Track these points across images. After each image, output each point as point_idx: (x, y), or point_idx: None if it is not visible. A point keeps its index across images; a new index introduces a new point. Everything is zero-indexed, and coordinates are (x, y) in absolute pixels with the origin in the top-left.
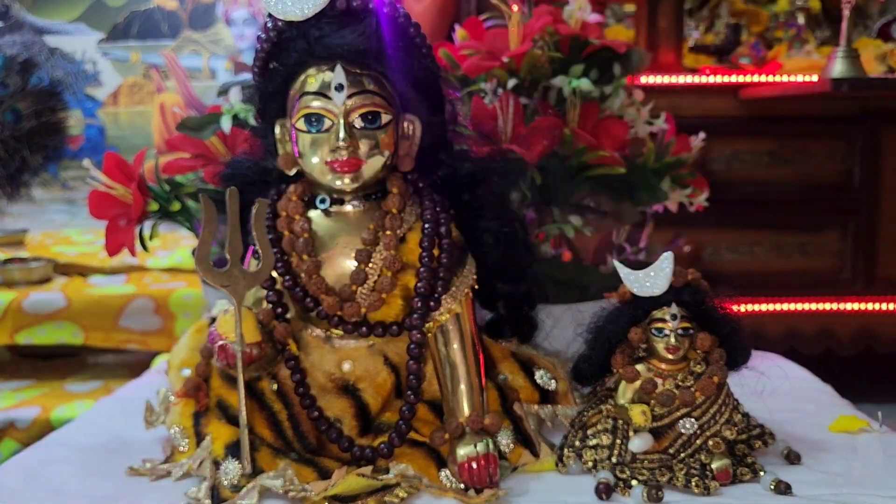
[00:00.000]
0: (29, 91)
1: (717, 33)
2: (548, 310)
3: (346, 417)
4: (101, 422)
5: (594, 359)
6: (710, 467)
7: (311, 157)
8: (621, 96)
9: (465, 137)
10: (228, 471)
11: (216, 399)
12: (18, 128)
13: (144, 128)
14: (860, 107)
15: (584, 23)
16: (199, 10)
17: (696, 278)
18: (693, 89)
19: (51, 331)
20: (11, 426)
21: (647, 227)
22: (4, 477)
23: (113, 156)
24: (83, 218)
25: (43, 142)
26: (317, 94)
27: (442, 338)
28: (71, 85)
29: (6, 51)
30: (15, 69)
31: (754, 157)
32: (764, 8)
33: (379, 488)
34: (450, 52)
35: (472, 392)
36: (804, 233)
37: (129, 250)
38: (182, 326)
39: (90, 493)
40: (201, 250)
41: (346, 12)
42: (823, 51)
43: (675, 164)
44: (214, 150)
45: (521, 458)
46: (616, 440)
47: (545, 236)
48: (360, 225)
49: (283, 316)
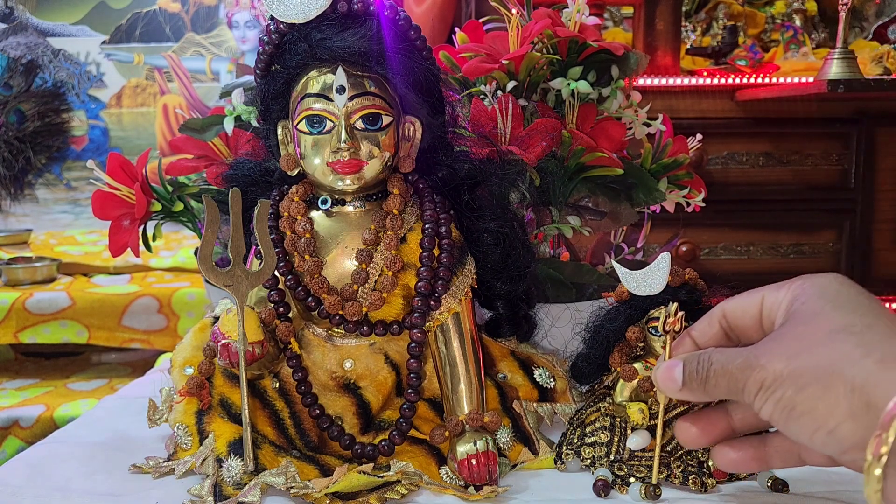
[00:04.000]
0: (33, 92)
1: (714, 35)
2: (546, 309)
3: (348, 415)
4: (104, 420)
5: (592, 357)
6: (707, 464)
7: (312, 158)
8: (619, 98)
9: (465, 139)
10: (231, 468)
11: (219, 397)
12: (22, 129)
13: (147, 129)
14: (856, 108)
15: (582, 25)
16: (202, 13)
17: (692, 278)
18: (690, 91)
19: (55, 330)
20: (16, 424)
21: (645, 227)
22: (9, 474)
23: (116, 157)
24: (87, 218)
25: (46, 143)
26: (318, 96)
27: (442, 336)
28: (74, 86)
29: (10, 52)
30: (19, 71)
31: (751, 158)
32: (761, 10)
33: (380, 485)
34: (449, 54)
35: (472, 390)
36: (800, 233)
37: (133, 250)
38: (185, 325)
39: (94, 490)
40: (204, 250)
41: (347, 15)
42: (820, 53)
43: (672, 165)
44: (217, 152)
45: (521, 455)
46: (614, 438)
47: (544, 236)
48: (362, 225)
49: (285, 315)
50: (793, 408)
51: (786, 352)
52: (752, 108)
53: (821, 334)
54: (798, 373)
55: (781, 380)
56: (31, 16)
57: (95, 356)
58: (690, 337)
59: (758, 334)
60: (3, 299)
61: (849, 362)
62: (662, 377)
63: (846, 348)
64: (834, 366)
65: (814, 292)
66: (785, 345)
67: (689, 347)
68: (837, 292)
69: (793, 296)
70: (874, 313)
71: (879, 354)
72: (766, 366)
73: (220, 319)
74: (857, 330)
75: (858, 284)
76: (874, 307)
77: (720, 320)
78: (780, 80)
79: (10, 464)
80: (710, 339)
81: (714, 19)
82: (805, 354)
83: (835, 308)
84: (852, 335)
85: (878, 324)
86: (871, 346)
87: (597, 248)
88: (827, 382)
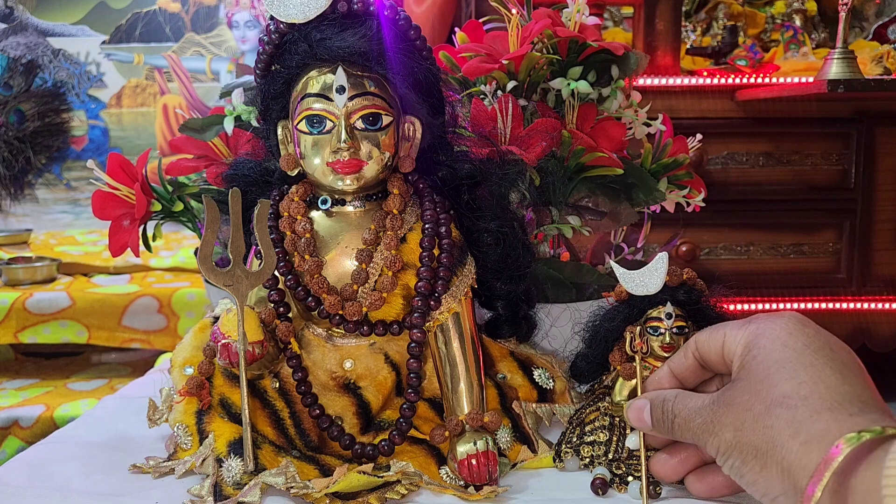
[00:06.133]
0: (33, 92)
1: (714, 35)
2: (546, 309)
3: (348, 415)
4: (104, 420)
5: (591, 356)
6: None
7: (312, 158)
8: (619, 98)
9: (465, 139)
10: (231, 468)
11: (219, 397)
12: (22, 129)
13: (147, 129)
14: (856, 108)
15: (582, 25)
16: (202, 13)
17: (691, 278)
18: (690, 91)
19: (55, 330)
20: (16, 424)
21: (645, 227)
22: (9, 474)
23: (116, 157)
24: (87, 218)
25: (46, 143)
26: (318, 96)
27: (442, 336)
28: (74, 86)
29: (10, 52)
30: (19, 71)
31: (751, 158)
32: (761, 10)
33: (380, 485)
34: (449, 54)
35: (472, 390)
36: (800, 233)
37: (133, 250)
38: (185, 325)
39: (94, 490)
40: (204, 250)
41: (347, 15)
42: (820, 53)
43: (672, 165)
44: (217, 152)
45: (520, 455)
46: (613, 437)
47: (544, 236)
48: (362, 225)
49: (285, 315)
50: (741, 476)
51: (733, 422)
52: (752, 108)
53: (761, 407)
54: (741, 446)
55: (731, 449)
56: (31, 16)
57: (95, 356)
58: (669, 367)
59: (723, 368)
60: (3, 299)
61: (779, 444)
62: (634, 418)
63: (779, 426)
64: (768, 446)
65: (765, 346)
66: (733, 414)
67: (664, 376)
68: (784, 346)
69: (748, 342)
70: (814, 379)
71: (805, 436)
72: (720, 434)
73: (220, 319)
74: (792, 404)
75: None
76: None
77: (693, 352)
78: (780, 80)
79: (10, 464)
80: (685, 369)
81: (714, 19)
82: (748, 428)
83: (779, 371)
84: (787, 410)
85: (814, 395)
86: (800, 425)
87: (597, 248)
88: (763, 461)
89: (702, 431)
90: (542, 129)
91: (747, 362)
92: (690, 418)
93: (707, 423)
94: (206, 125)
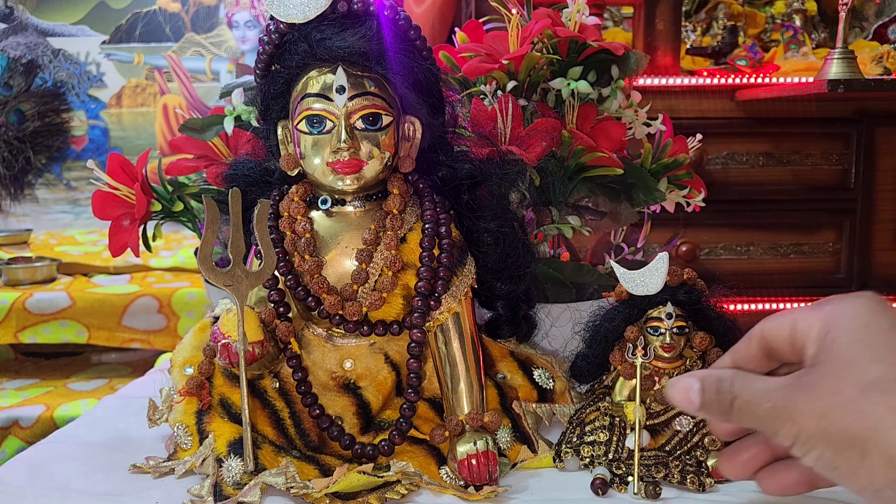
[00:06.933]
0: (33, 92)
1: (714, 35)
2: (546, 309)
3: (348, 415)
4: (104, 420)
5: (591, 356)
6: (705, 464)
7: (312, 158)
8: (619, 98)
9: (465, 139)
10: (231, 468)
11: (219, 397)
12: (22, 129)
13: (147, 129)
14: (856, 108)
15: (582, 25)
16: (202, 13)
17: (691, 278)
18: (690, 91)
19: (55, 330)
20: (16, 424)
21: (645, 227)
22: (9, 474)
23: (116, 157)
24: (87, 218)
25: (46, 143)
26: (318, 96)
27: (442, 336)
28: (74, 86)
29: (10, 52)
30: (19, 71)
31: (751, 158)
32: (761, 10)
33: (380, 485)
34: (449, 54)
35: (472, 390)
36: (800, 233)
37: (133, 250)
38: (185, 325)
39: (94, 490)
40: (204, 250)
41: (347, 15)
42: (820, 53)
43: (672, 164)
44: (217, 152)
45: (520, 455)
46: (613, 437)
47: (544, 236)
48: (362, 225)
49: (285, 315)
50: (835, 467)
51: (817, 409)
52: (752, 108)
53: (852, 391)
54: (831, 434)
55: (816, 439)
56: (31, 16)
57: (95, 356)
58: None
59: (793, 357)
60: (3, 299)
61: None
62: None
63: (879, 413)
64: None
65: (845, 326)
66: (816, 399)
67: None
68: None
69: (823, 324)
70: None
71: None
72: (798, 420)
73: (220, 319)
74: (888, 388)
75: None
76: None
77: (759, 341)
78: (780, 80)
79: (10, 464)
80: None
81: (714, 19)
82: (837, 415)
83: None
84: (884, 394)
85: None
86: None
87: (597, 248)
88: (863, 450)
89: (773, 417)
90: (542, 129)
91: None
92: (756, 402)
93: (780, 409)
94: (206, 125)
